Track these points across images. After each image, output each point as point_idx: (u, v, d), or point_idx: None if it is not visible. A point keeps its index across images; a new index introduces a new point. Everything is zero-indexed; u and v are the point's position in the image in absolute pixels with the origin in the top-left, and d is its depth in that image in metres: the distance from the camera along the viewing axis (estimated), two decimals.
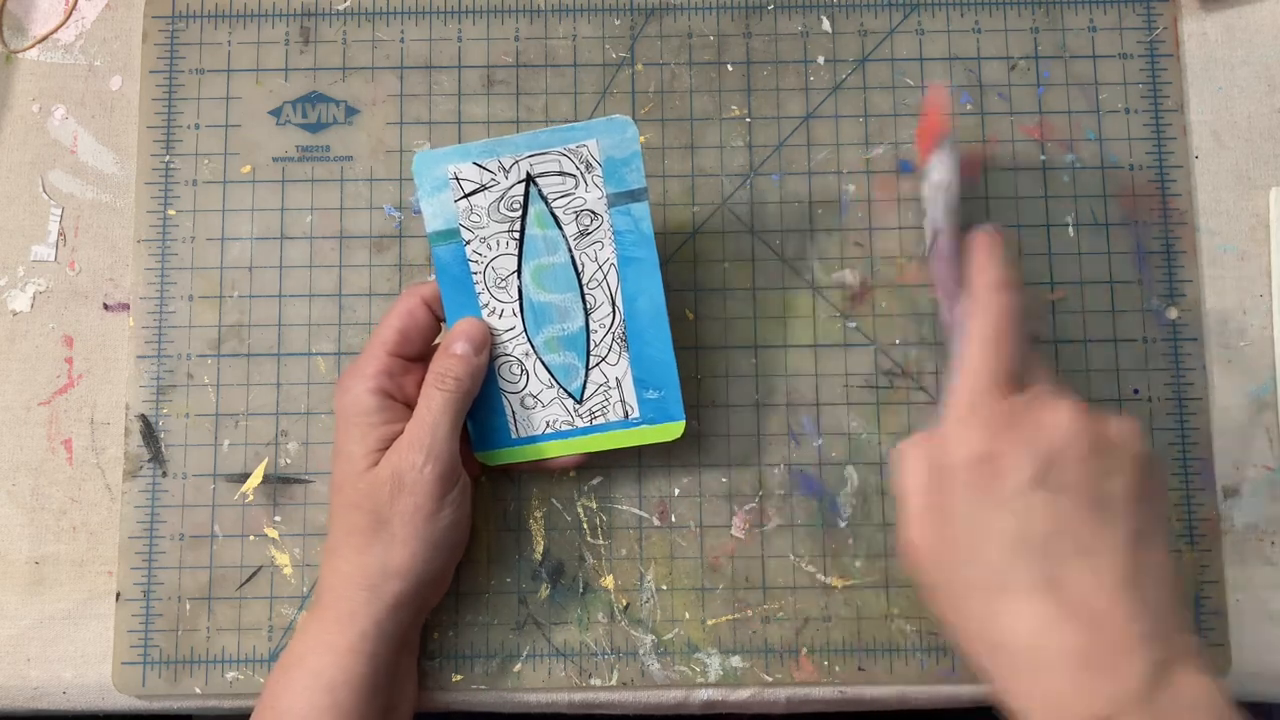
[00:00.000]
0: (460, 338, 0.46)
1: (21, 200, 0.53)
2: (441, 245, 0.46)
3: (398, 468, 0.44)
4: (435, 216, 0.46)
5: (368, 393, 0.45)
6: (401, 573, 0.44)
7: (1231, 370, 0.51)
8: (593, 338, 0.47)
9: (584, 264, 0.46)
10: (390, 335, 0.45)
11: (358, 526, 0.44)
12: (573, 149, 0.45)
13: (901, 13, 0.54)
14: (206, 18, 0.54)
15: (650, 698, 0.50)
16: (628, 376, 0.47)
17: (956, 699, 0.50)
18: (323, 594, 0.45)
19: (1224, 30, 0.54)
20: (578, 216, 0.46)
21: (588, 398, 0.47)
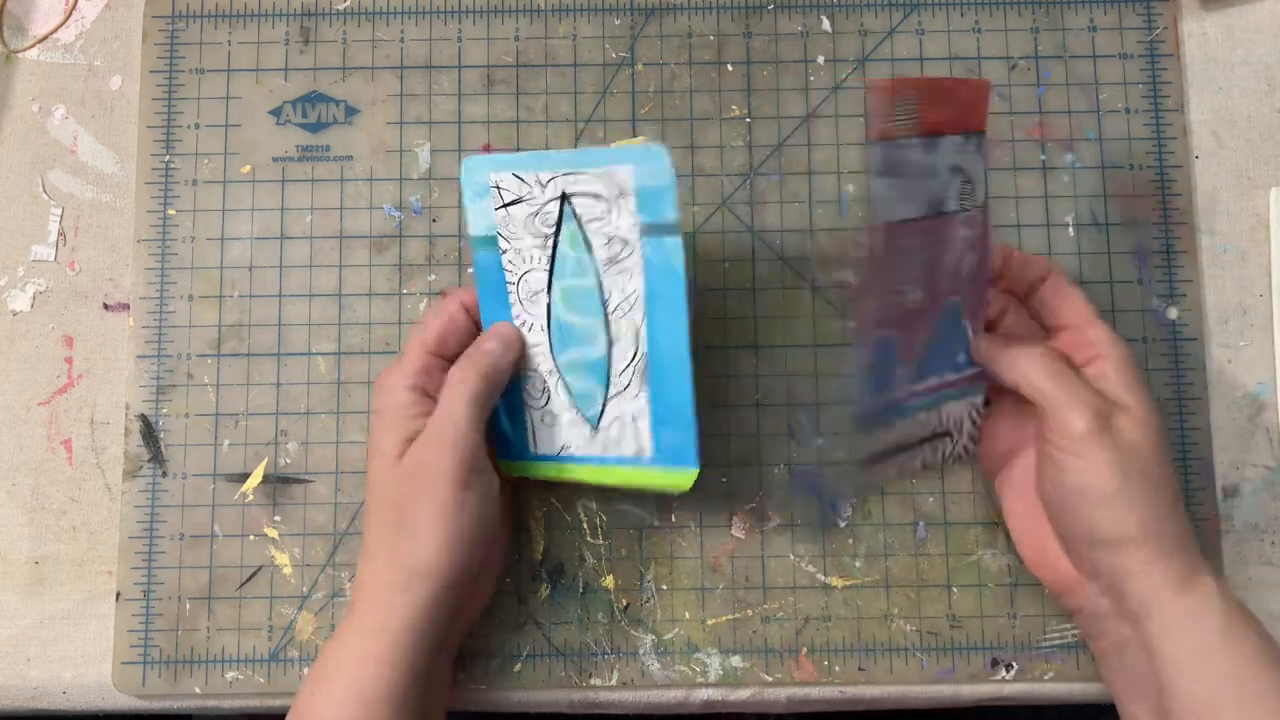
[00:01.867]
0: (493, 336, 0.46)
1: (21, 200, 0.53)
2: (482, 250, 0.46)
3: (420, 458, 0.43)
4: (478, 221, 0.46)
5: (405, 389, 0.45)
6: (428, 569, 0.43)
7: (1231, 370, 0.51)
8: (614, 368, 0.45)
9: (611, 292, 0.45)
10: (431, 336, 0.46)
11: (387, 522, 0.44)
12: (607, 172, 0.43)
13: (901, 13, 0.54)
14: (206, 18, 0.54)
15: (650, 698, 0.50)
16: (645, 414, 0.45)
17: (957, 699, 0.50)
18: (356, 601, 0.44)
19: (1224, 30, 0.54)
20: (609, 242, 0.44)
21: (604, 427, 0.46)
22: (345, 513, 0.51)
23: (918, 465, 0.49)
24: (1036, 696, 0.50)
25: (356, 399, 0.51)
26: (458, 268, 0.52)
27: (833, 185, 0.52)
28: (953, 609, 0.50)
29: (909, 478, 0.50)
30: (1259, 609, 0.49)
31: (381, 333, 0.52)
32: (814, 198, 0.52)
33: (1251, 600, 0.50)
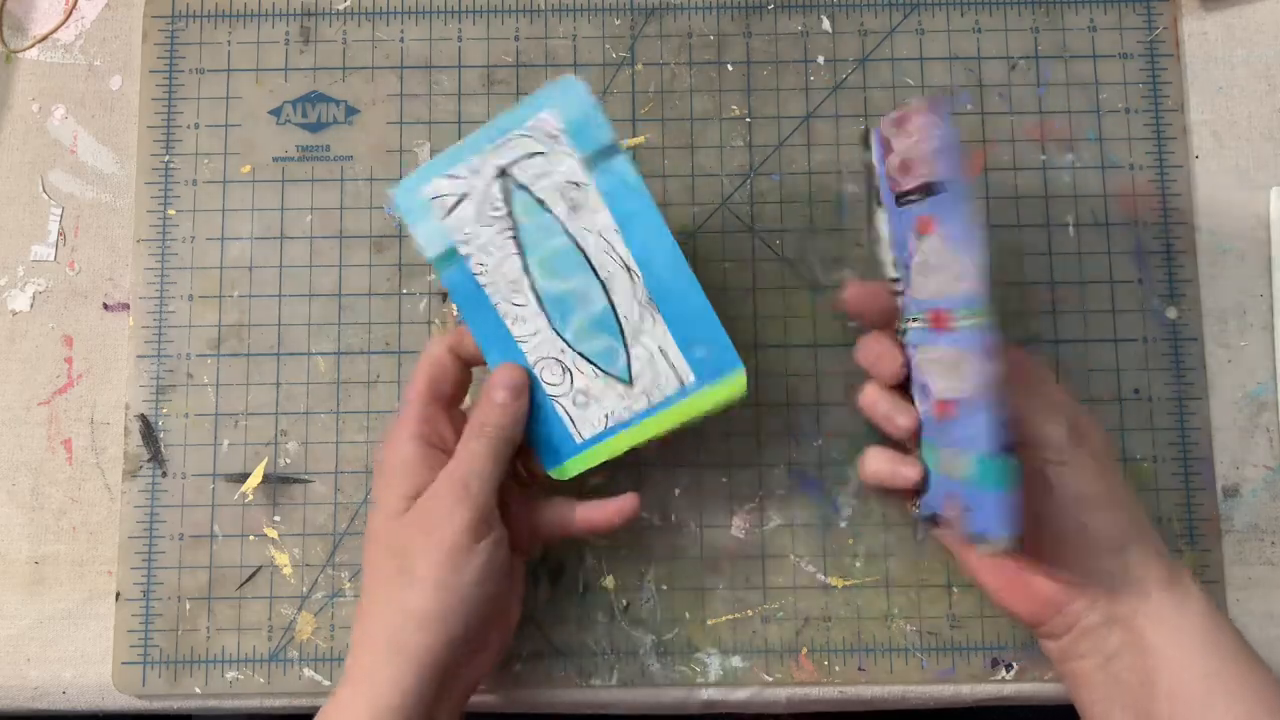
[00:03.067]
0: (499, 385, 0.44)
1: (21, 200, 0.53)
2: (446, 269, 0.44)
3: (427, 510, 0.42)
4: (430, 243, 0.44)
5: (408, 441, 0.44)
6: (425, 622, 0.41)
7: (1231, 370, 0.51)
8: (620, 311, 0.44)
9: (584, 237, 0.43)
10: (421, 384, 0.45)
11: (386, 574, 0.42)
12: (532, 127, 0.43)
13: (901, 13, 0.54)
14: (206, 17, 0.54)
15: (650, 698, 0.50)
16: (669, 340, 0.44)
17: (957, 699, 0.50)
18: (350, 664, 0.42)
19: (1224, 30, 0.54)
20: (562, 193, 0.43)
21: (637, 376, 0.44)
22: (345, 513, 0.51)
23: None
24: (1036, 696, 0.50)
25: (356, 399, 0.51)
26: None
27: (833, 185, 0.52)
28: (953, 609, 0.50)
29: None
30: (1259, 609, 0.50)
31: (381, 333, 0.52)
32: (814, 198, 0.52)
33: (1252, 600, 0.50)
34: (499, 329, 0.45)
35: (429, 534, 0.42)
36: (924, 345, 0.42)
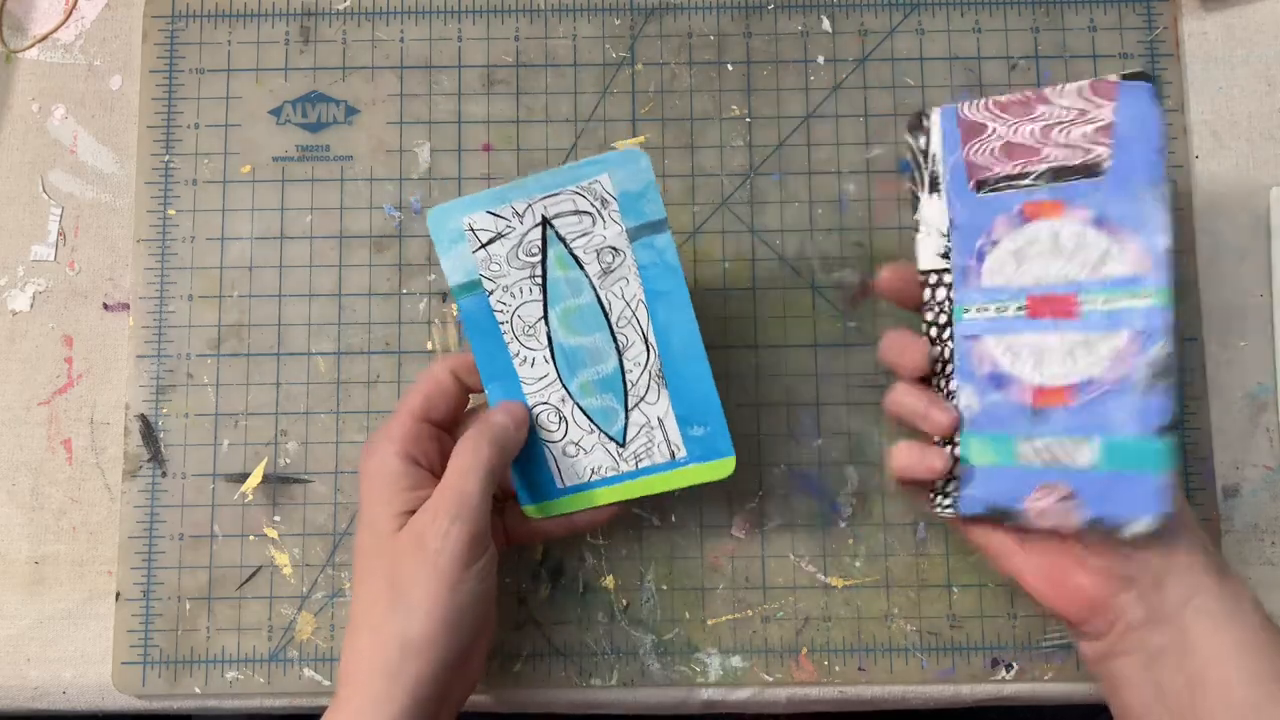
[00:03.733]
0: (500, 410, 0.44)
1: (21, 200, 0.53)
2: (465, 298, 0.44)
3: (421, 531, 0.41)
4: (455, 269, 0.44)
5: (394, 456, 0.43)
6: (420, 649, 0.40)
7: (1231, 370, 0.51)
8: (628, 377, 0.45)
9: (611, 302, 0.44)
10: (416, 400, 0.44)
11: (377, 596, 0.41)
12: (585, 186, 0.43)
13: (901, 12, 0.54)
14: (206, 17, 0.54)
15: (650, 697, 0.50)
16: (669, 415, 0.45)
17: (957, 699, 0.50)
18: (341, 685, 0.42)
19: (1224, 30, 0.54)
20: (599, 254, 0.44)
21: (630, 440, 0.45)
22: (345, 513, 0.51)
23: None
24: (1036, 696, 0.50)
25: (356, 399, 0.51)
26: None
27: (833, 185, 0.52)
28: (953, 609, 0.50)
29: None
30: None
31: (381, 333, 0.52)
32: (814, 198, 0.52)
33: None
34: (505, 364, 0.45)
35: (424, 557, 0.41)
36: (1002, 334, 0.42)
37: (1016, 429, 0.42)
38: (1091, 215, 0.41)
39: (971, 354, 0.43)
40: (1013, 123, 0.42)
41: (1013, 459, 0.42)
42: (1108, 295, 0.40)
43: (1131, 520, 0.40)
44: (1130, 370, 0.40)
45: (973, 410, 0.43)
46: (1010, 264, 0.42)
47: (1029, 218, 0.42)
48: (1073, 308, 0.41)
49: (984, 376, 0.42)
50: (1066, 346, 0.41)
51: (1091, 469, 0.40)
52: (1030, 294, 0.42)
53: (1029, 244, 0.42)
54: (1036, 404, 0.41)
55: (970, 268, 0.43)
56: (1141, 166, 0.40)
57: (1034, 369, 0.41)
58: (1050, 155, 0.42)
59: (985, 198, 0.43)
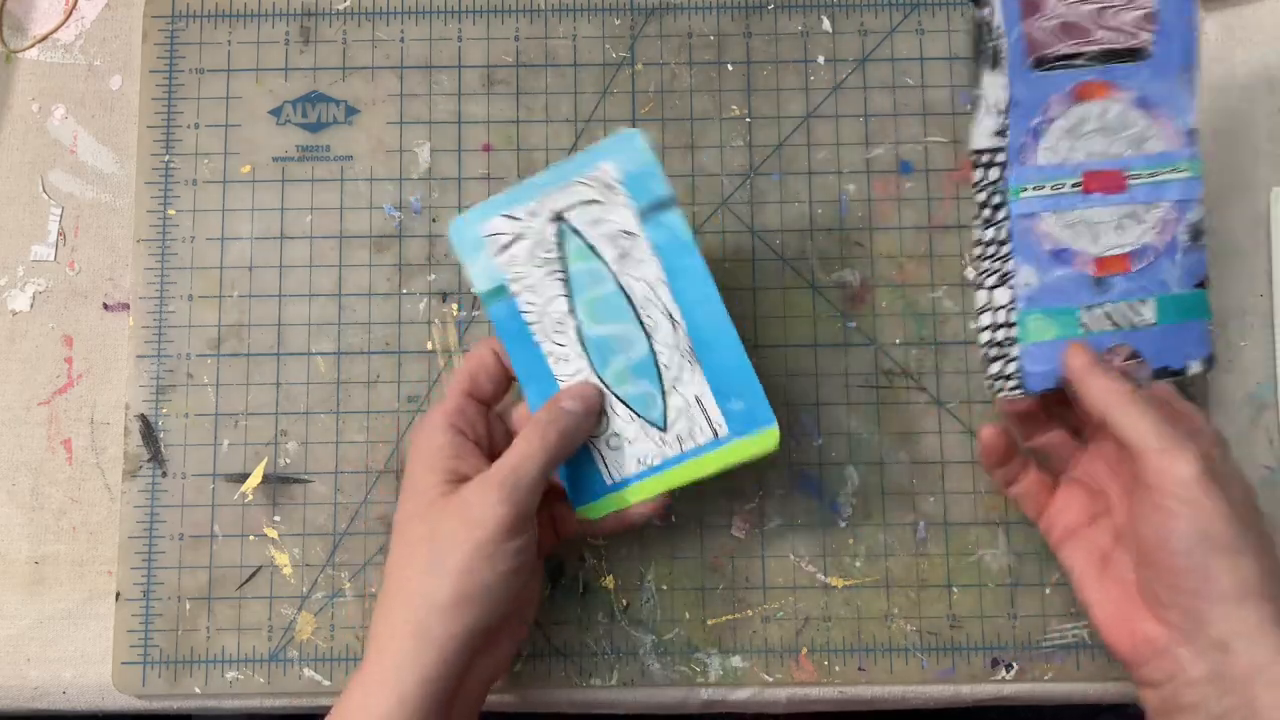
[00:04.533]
0: (571, 395, 0.45)
1: (21, 200, 0.53)
2: (493, 304, 0.45)
3: (468, 499, 0.42)
4: (480, 277, 0.45)
5: (440, 429, 0.44)
6: (448, 612, 0.41)
7: (1231, 370, 0.51)
8: (660, 360, 0.45)
9: (632, 287, 0.45)
10: (462, 377, 0.45)
11: (413, 557, 0.42)
12: (591, 176, 0.44)
13: (901, 12, 0.54)
14: (206, 17, 0.54)
15: (650, 698, 0.50)
16: (706, 392, 0.45)
17: (957, 699, 0.50)
18: (368, 648, 0.42)
19: (1224, 30, 0.54)
20: (614, 240, 0.45)
21: (672, 424, 0.45)
22: (345, 513, 0.51)
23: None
24: (1036, 696, 0.50)
25: (356, 399, 0.51)
26: (457, 268, 0.52)
27: (833, 185, 0.52)
28: (953, 609, 0.50)
29: None
30: None
31: (381, 333, 0.52)
32: (814, 198, 0.52)
33: None
34: (540, 366, 0.45)
35: (467, 524, 0.41)
36: (1060, 210, 0.45)
37: (1080, 299, 0.45)
38: (1135, 96, 0.44)
39: (1031, 232, 0.45)
40: (1069, 2, 0.44)
41: (1076, 329, 0.45)
42: (1152, 169, 0.45)
43: (1189, 364, 0.45)
44: (1175, 234, 0.45)
45: (1032, 287, 0.45)
46: (1065, 142, 0.44)
47: (1080, 98, 0.44)
48: (1123, 182, 0.45)
49: (1045, 253, 0.45)
50: (1116, 219, 0.45)
51: (1149, 327, 0.45)
52: (1085, 169, 0.45)
53: (1080, 123, 0.44)
54: (1100, 273, 0.45)
55: (1027, 145, 0.45)
56: (1179, 53, 0.44)
57: (1091, 241, 0.45)
58: (1102, 37, 0.44)
59: (1042, 75, 0.44)
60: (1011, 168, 0.44)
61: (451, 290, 0.52)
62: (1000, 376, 0.45)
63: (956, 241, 0.52)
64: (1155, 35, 0.44)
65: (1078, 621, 0.49)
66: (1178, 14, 0.44)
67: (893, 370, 0.51)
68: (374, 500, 0.51)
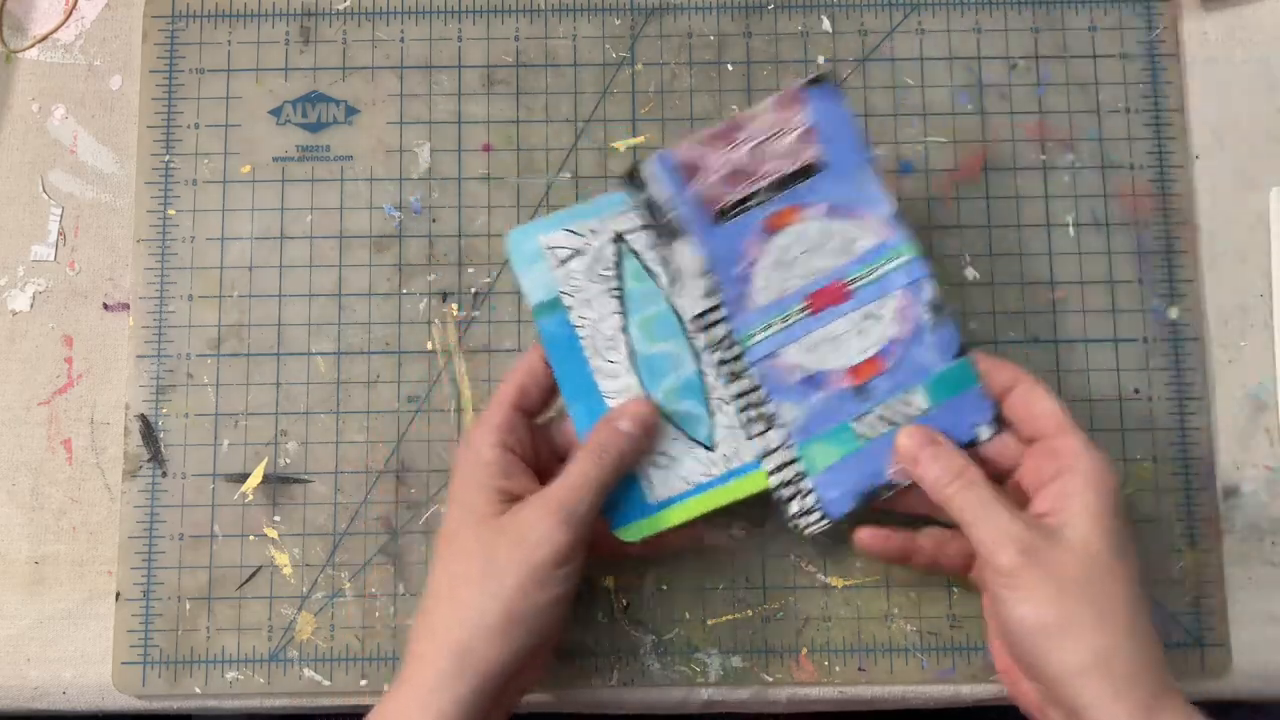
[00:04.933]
0: (626, 416, 0.44)
1: (21, 200, 0.53)
2: (545, 317, 0.46)
3: (527, 522, 0.42)
4: (535, 288, 0.46)
5: (489, 446, 0.43)
6: (495, 629, 0.41)
7: (1231, 370, 0.51)
8: (707, 379, 0.46)
9: (682, 308, 0.46)
10: (510, 390, 0.45)
11: (467, 575, 0.42)
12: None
13: (901, 13, 0.54)
14: (206, 17, 0.54)
15: (650, 698, 0.50)
16: None
17: (957, 699, 0.50)
18: (408, 662, 0.42)
19: (1224, 30, 0.54)
20: (666, 265, 0.46)
21: (719, 443, 0.46)
22: (345, 513, 0.51)
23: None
24: None
25: (356, 399, 0.51)
26: (457, 268, 0.52)
27: None
28: (953, 609, 0.50)
29: None
30: (1259, 609, 0.50)
31: (381, 333, 0.52)
32: None
33: (1252, 600, 0.50)
34: (587, 381, 0.45)
35: (523, 547, 0.41)
36: (797, 340, 0.45)
37: (848, 413, 0.45)
38: (825, 208, 0.46)
39: (777, 369, 0.46)
40: (723, 152, 0.45)
41: (856, 442, 0.45)
42: (870, 267, 0.46)
43: (978, 433, 0.45)
44: (917, 318, 0.45)
45: (799, 420, 0.45)
46: (776, 275, 0.46)
47: (773, 230, 0.46)
48: (847, 290, 0.46)
49: (797, 384, 0.45)
50: (854, 326, 0.45)
51: (925, 413, 0.45)
52: (806, 293, 0.46)
53: (784, 252, 0.46)
54: (858, 382, 0.45)
55: (741, 292, 0.46)
56: (849, 154, 0.46)
57: (838, 356, 0.45)
58: (769, 169, 0.46)
59: (727, 226, 0.46)
60: (734, 319, 0.45)
61: (451, 290, 0.52)
62: (802, 514, 0.45)
63: (957, 241, 0.52)
64: (820, 146, 0.45)
65: None
66: (832, 118, 0.45)
67: None
68: (374, 500, 0.51)
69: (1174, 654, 0.49)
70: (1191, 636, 0.49)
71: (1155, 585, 0.49)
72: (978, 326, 0.51)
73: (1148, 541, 0.50)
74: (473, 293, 0.52)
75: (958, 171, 0.52)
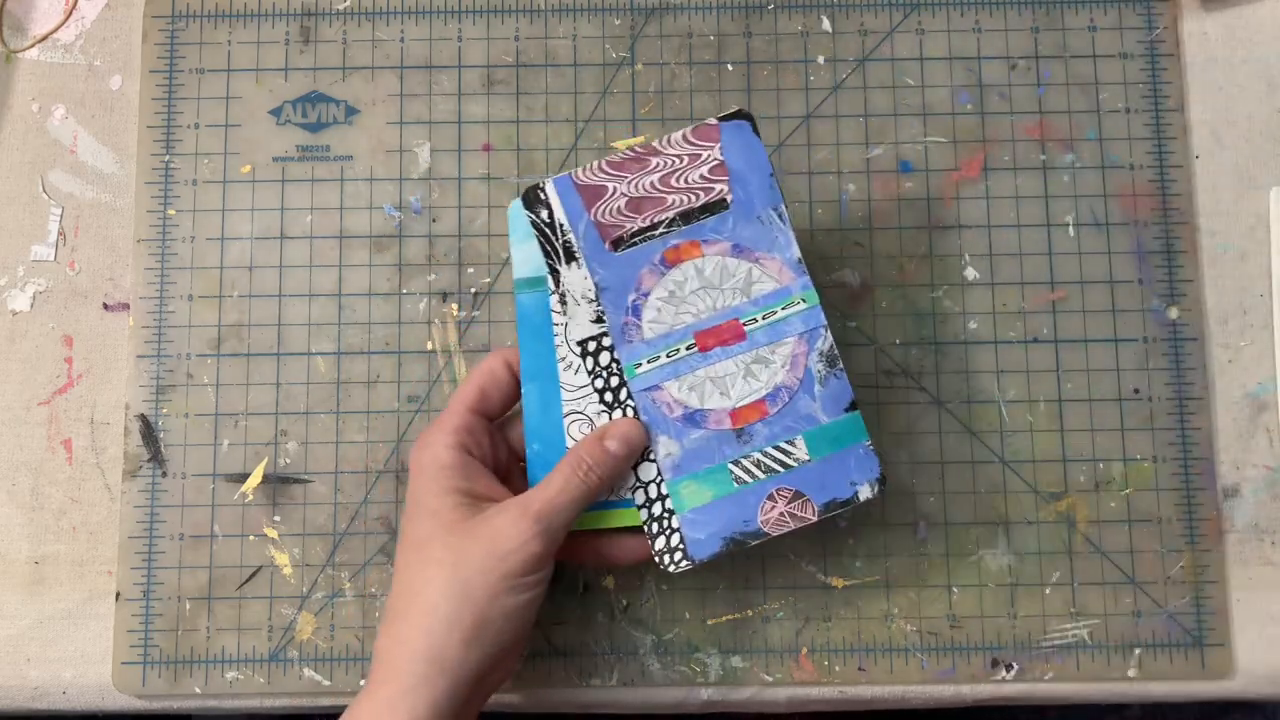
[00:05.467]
0: (616, 436, 0.44)
1: (21, 200, 0.53)
2: (526, 292, 0.45)
3: (501, 530, 0.41)
4: (524, 263, 0.45)
5: (447, 448, 0.43)
6: (468, 635, 0.41)
7: (1231, 370, 0.51)
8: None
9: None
10: (470, 391, 0.44)
11: (436, 580, 0.41)
12: None
13: (901, 12, 0.54)
14: (206, 17, 0.54)
15: (650, 698, 0.50)
16: None
17: (957, 699, 0.50)
18: (377, 668, 0.42)
19: (1224, 30, 0.54)
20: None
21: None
22: (345, 513, 0.51)
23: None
24: (1036, 696, 0.50)
25: (356, 399, 0.51)
26: (457, 268, 0.52)
27: (833, 185, 0.52)
28: (953, 609, 0.50)
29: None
30: (1259, 609, 0.50)
31: (381, 333, 0.52)
32: (814, 198, 0.52)
33: (1252, 600, 0.50)
34: (549, 364, 0.45)
35: (496, 554, 0.41)
36: (681, 375, 0.44)
37: (725, 455, 0.44)
38: (729, 246, 0.45)
39: (658, 403, 0.44)
40: (631, 179, 0.45)
41: (731, 485, 0.44)
42: (767, 310, 0.44)
43: (857, 491, 0.44)
44: (808, 366, 0.44)
45: (674, 456, 0.44)
46: (669, 309, 0.45)
47: (672, 263, 0.45)
48: (740, 331, 0.44)
49: (677, 420, 0.44)
50: (743, 368, 0.44)
51: (805, 464, 0.44)
52: (696, 331, 0.44)
53: (679, 286, 0.45)
54: (737, 425, 0.44)
55: (629, 324, 0.45)
56: (758, 194, 0.45)
57: (722, 396, 0.44)
58: (675, 201, 0.45)
59: (624, 254, 0.45)
60: (620, 348, 0.44)
61: (451, 290, 0.52)
62: (666, 551, 0.44)
63: (956, 241, 0.52)
64: (730, 183, 0.45)
65: (1077, 621, 0.49)
66: (746, 155, 0.44)
67: (893, 370, 0.51)
68: (374, 500, 0.51)
69: (1175, 654, 0.49)
70: (1192, 637, 0.49)
71: (1155, 585, 0.49)
72: (978, 326, 0.51)
73: (1148, 541, 0.50)
74: (473, 293, 0.52)
75: (958, 171, 0.52)
